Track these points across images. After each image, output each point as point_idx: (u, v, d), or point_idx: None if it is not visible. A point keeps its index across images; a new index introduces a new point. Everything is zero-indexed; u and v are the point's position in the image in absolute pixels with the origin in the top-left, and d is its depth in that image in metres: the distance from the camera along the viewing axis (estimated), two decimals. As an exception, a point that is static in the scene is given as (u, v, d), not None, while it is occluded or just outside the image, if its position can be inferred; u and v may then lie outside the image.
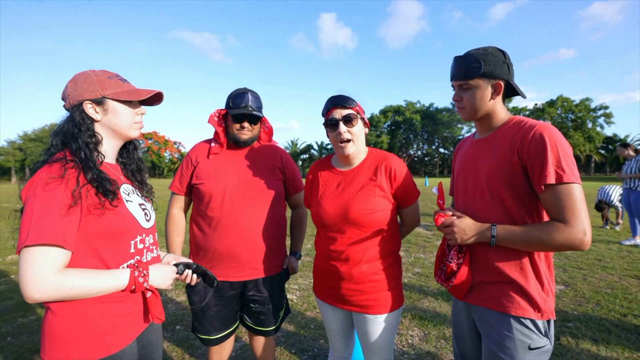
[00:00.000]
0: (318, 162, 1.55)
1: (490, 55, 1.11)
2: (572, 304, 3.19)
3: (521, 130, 1.07)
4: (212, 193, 1.54)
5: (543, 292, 1.07)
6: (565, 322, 2.79)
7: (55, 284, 0.84)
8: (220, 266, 1.56)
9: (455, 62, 1.17)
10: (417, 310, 3.07)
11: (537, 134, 1.03)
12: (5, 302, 3.34)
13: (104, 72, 1.05)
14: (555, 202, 1.00)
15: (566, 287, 3.65)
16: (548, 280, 1.09)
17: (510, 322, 1.07)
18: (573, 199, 0.98)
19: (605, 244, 5.54)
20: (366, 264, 1.32)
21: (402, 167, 1.38)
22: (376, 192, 1.33)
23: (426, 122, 60.36)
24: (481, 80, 1.12)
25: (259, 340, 1.77)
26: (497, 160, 1.10)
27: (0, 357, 2.38)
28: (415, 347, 2.50)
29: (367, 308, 1.34)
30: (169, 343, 2.57)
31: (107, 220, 0.96)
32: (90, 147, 1.00)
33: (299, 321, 2.92)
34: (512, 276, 1.07)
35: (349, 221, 1.32)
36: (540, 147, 1.01)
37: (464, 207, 1.21)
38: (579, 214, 0.97)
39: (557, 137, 1.02)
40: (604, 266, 4.34)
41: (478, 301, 1.15)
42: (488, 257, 1.12)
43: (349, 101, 1.33)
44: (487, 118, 1.18)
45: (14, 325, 2.85)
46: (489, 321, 1.12)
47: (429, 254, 5.06)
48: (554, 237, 0.98)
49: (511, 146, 1.07)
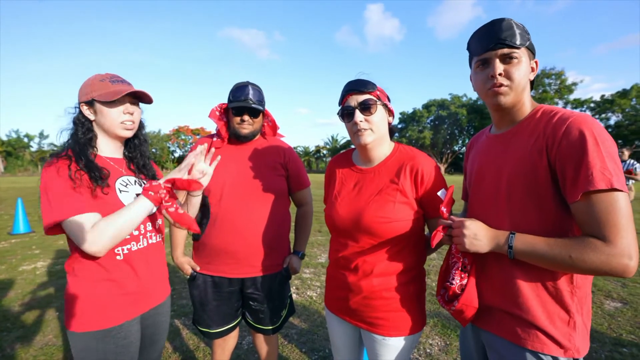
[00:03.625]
0: (337, 157, 1.38)
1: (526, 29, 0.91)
2: (629, 325, 2.76)
3: (551, 123, 0.86)
4: (210, 189, 1.53)
5: (569, 325, 0.86)
6: (618, 347, 2.41)
7: (95, 233, 1.01)
8: (218, 262, 1.56)
9: (496, 24, 0.90)
10: (440, 318, 2.86)
11: (572, 128, 0.81)
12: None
13: (101, 75, 1.16)
14: (594, 214, 0.78)
15: (624, 305, 3.17)
16: (578, 308, 0.87)
17: (526, 356, 0.88)
18: (617, 211, 0.76)
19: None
20: (377, 277, 1.14)
21: (431, 169, 1.15)
22: (397, 198, 1.12)
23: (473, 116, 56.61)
24: (527, 52, 0.91)
25: (260, 338, 1.75)
26: (518, 161, 0.90)
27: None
28: (434, 357, 2.32)
29: (376, 327, 1.16)
30: (188, 331, 2.68)
31: (97, 206, 1.07)
32: (82, 141, 1.13)
33: (314, 319, 2.87)
34: (530, 302, 0.88)
35: (361, 228, 1.14)
36: (576, 143, 0.80)
37: (478, 215, 1.00)
38: (624, 232, 0.75)
39: (598, 131, 0.80)
40: (676, 283, 3.71)
41: (488, 326, 0.97)
42: (501, 277, 0.94)
43: (367, 85, 1.12)
44: (516, 106, 0.95)
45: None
46: (500, 352, 0.94)
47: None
48: (587, 258, 0.77)
49: (538, 145, 0.86)
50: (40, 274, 3.98)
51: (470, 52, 0.99)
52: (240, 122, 1.55)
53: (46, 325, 2.73)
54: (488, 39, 0.91)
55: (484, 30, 0.93)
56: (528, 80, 0.93)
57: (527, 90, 0.95)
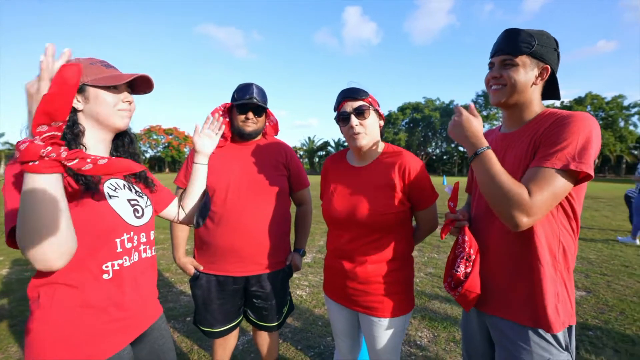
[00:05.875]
0: (332, 156, 1.51)
1: (546, 37, 1.00)
2: (593, 311, 3.03)
3: (550, 119, 0.97)
4: (215, 188, 1.55)
5: (561, 300, 0.97)
6: (585, 331, 2.65)
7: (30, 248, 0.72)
8: (223, 261, 1.57)
9: (505, 34, 1.03)
10: (428, 311, 3.00)
11: (564, 118, 0.93)
12: None
13: (88, 59, 0.98)
14: (537, 176, 0.90)
15: (588, 293, 3.47)
16: (569, 285, 1.00)
17: (528, 334, 0.98)
18: (555, 183, 0.88)
19: (634, 250, 5.22)
20: (372, 264, 1.28)
21: (418, 166, 1.28)
22: (388, 193, 1.26)
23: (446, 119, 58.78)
24: (529, 60, 0.99)
25: (262, 336, 1.78)
26: (515, 159, 1.00)
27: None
28: (424, 348, 2.44)
29: (372, 310, 1.29)
30: (179, 334, 2.63)
31: (84, 213, 0.88)
32: (68, 137, 0.90)
33: (306, 318, 2.92)
34: (528, 284, 0.98)
35: (357, 221, 1.27)
36: (560, 127, 0.90)
37: (481, 211, 1.10)
38: (545, 195, 0.87)
39: (587, 124, 0.90)
40: (630, 273, 4.10)
41: (491, 310, 1.07)
42: (501, 263, 1.04)
43: (360, 93, 1.26)
44: (520, 107, 1.04)
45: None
46: (504, 332, 1.04)
47: (443, 255, 4.94)
48: (511, 196, 0.88)
49: (532, 142, 0.97)
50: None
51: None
52: (244, 120, 1.58)
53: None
54: (495, 46, 1.05)
55: (498, 38, 1.05)
56: (531, 83, 1.01)
57: (530, 93, 1.02)
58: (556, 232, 0.98)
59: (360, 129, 1.25)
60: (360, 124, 1.25)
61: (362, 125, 1.25)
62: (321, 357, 2.33)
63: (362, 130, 1.25)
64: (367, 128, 1.26)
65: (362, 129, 1.25)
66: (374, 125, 1.30)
